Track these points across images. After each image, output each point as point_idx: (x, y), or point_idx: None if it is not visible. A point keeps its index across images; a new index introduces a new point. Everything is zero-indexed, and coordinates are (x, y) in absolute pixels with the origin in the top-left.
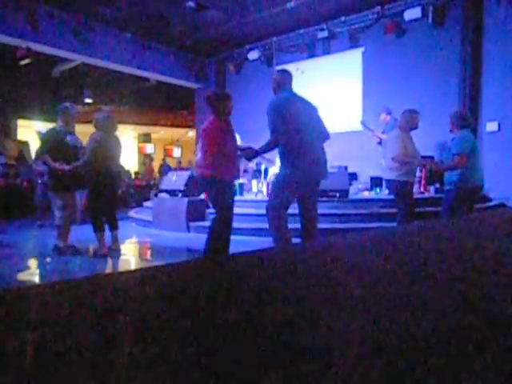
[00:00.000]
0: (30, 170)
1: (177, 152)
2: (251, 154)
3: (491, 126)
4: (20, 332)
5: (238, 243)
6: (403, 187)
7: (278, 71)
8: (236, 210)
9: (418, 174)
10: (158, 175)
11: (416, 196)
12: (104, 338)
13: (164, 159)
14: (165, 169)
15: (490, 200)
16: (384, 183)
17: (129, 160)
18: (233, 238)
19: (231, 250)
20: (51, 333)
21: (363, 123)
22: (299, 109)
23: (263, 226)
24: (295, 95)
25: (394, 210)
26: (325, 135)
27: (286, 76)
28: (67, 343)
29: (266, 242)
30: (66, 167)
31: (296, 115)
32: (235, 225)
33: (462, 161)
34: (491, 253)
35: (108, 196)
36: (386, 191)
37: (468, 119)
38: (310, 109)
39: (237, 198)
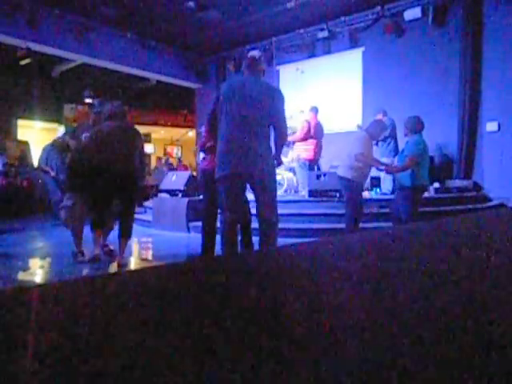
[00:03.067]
0: (31, 169)
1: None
2: None
3: (491, 126)
4: (20, 332)
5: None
6: (358, 188)
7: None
8: None
9: None
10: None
11: None
12: (104, 338)
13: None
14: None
15: (490, 200)
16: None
17: None
18: None
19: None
20: (51, 333)
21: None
22: (233, 95)
23: None
24: (242, 80)
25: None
26: (277, 129)
27: (245, 60)
28: (67, 343)
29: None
30: None
31: (229, 103)
32: None
33: (412, 162)
34: (491, 253)
35: (116, 197)
36: (383, 189)
37: (420, 124)
38: (253, 97)
39: None
